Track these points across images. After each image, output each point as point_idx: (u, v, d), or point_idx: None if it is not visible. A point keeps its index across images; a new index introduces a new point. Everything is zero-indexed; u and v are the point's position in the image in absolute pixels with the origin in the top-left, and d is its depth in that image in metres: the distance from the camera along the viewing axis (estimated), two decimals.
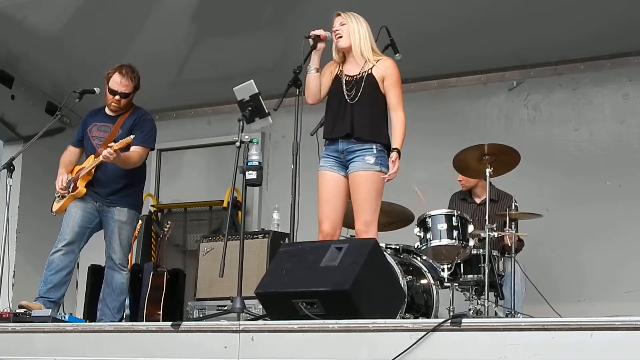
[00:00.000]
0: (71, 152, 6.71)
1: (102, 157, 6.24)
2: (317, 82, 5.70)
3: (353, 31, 5.72)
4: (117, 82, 6.48)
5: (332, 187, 5.67)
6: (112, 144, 6.23)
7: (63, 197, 6.50)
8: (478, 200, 7.24)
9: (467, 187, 7.31)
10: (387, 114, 5.73)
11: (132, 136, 6.30)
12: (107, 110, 6.64)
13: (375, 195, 5.62)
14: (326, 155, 5.73)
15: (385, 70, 5.68)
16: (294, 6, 7.82)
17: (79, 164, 6.63)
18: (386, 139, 5.68)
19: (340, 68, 5.80)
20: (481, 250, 6.57)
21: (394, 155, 5.56)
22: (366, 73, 5.69)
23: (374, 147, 5.62)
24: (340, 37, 5.73)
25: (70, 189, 6.48)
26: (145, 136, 6.52)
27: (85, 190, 6.45)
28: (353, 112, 5.65)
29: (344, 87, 5.71)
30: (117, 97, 6.49)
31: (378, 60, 5.71)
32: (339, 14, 5.78)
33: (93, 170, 6.46)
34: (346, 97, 5.69)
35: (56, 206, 6.54)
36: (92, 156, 6.52)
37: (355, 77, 5.72)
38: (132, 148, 6.43)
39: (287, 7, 7.88)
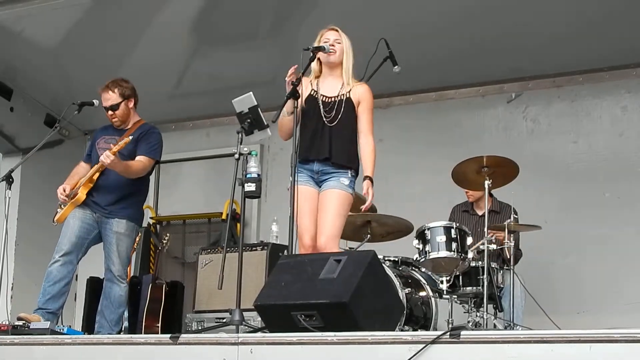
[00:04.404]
0: (82, 167, 6.73)
1: (101, 159, 6.27)
2: (290, 125, 5.60)
3: (347, 52, 5.75)
4: (103, 98, 6.60)
5: (310, 200, 5.66)
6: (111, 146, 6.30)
7: (64, 204, 6.50)
8: (480, 212, 7.22)
9: (474, 198, 7.29)
10: None
11: (130, 137, 6.35)
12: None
13: (344, 214, 5.67)
14: (300, 170, 5.67)
15: (361, 95, 5.72)
16: (293, 18, 7.82)
17: None
18: (358, 164, 5.73)
19: (314, 87, 5.78)
20: (480, 262, 6.56)
21: (366, 184, 5.61)
22: (345, 96, 5.71)
23: (349, 172, 5.68)
24: (334, 52, 5.73)
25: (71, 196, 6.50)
26: (151, 147, 6.56)
27: (84, 197, 6.46)
28: (331, 135, 5.67)
29: (322, 108, 5.71)
30: (109, 112, 6.59)
31: (354, 85, 5.74)
32: (336, 30, 5.78)
33: (95, 177, 6.48)
34: (324, 119, 5.69)
35: (57, 215, 6.55)
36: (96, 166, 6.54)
37: (333, 99, 5.72)
38: (137, 157, 6.49)
39: (286, 19, 7.89)
